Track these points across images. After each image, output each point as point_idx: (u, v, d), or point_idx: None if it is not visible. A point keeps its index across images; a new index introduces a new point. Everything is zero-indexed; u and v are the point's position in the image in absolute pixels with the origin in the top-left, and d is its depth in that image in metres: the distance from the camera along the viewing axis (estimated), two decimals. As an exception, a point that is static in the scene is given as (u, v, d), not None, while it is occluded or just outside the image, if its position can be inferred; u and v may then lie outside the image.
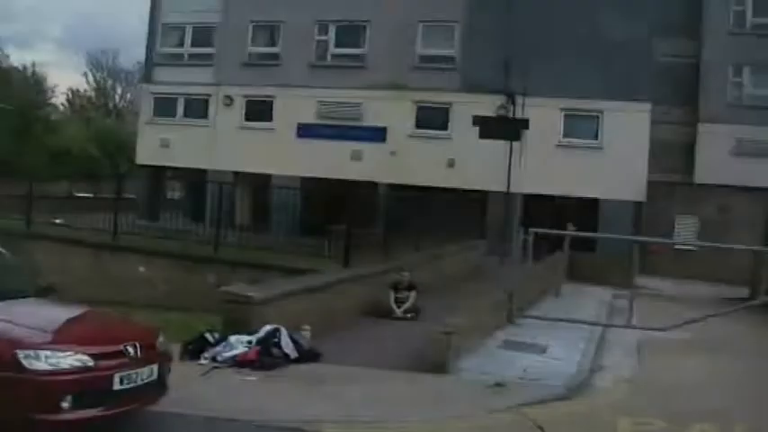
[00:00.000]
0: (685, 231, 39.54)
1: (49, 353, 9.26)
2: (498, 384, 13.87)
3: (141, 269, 26.23)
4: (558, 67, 37.34)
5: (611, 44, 36.45)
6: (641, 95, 36.86)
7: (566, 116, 38.84)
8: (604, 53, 36.56)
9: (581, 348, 17.85)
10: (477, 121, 39.00)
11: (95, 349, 9.75)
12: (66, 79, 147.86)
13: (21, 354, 9.14)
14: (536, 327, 19.94)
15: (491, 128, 38.58)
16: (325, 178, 38.78)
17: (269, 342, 14.67)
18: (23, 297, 11.28)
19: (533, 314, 21.34)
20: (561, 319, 21.26)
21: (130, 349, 10.08)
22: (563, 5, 37.78)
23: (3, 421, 9.19)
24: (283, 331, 14.99)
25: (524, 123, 38.39)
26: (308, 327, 16.06)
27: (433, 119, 40.87)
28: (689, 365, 17.29)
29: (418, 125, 41.16)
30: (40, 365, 9.16)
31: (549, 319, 20.97)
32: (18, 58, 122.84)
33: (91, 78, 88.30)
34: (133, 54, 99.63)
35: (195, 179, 42.87)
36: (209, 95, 45.52)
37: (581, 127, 38.83)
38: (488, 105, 39.08)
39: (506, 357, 16.39)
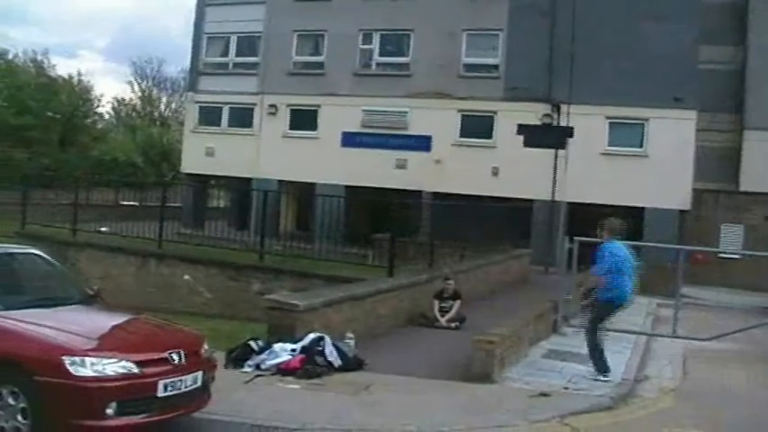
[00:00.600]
0: (730, 240, 39.23)
1: (94, 359, 9.32)
2: (543, 394, 13.78)
3: (186, 277, 26.28)
4: (602, 74, 37.19)
5: (656, 51, 36.18)
6: (686, 103, 36.55)
7: (610, 124, 38.58)
8: (648, 60, 36.30)
9: (626, 358, 17.70)
10: (522, 129, 38.89)
11: (140, 356, 9.83)
12: (111, 88, 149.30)
13: (67, 360, 9.21)
14: (581, 336, 19.73)
15: (536, 136, 38.45)
16: (370, 187, 38.79)
17: (313, 350, 14.65)
18: (70, 304, 11.36)
19: (578, 324, 21.18)
20: (606, 329, 21.10)
21: (175, 356, 10.13)
22: (607, 13, 37.58)
23: (48, 426, 9.25)
24: (327, 339, 14.97)
25: (569, 131, 38.22)
26: (352, 335, 16.05)
27: (477, 127, 40.77)
28: (734, 376, 17.13)
29: (463, 133, 41.08)
30: (86, 372, 9.23)
31: (594, 329, 20.83)
32: (65, 67, 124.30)
33: (136, 87, 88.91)
34: (178, 63, 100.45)
35: (240, 187, 43.03)
36: (253, 104, 45.71)
37: (626, 135, 38.55)
38: (533, 113, 38.94)
39: (551, 367, 16.27)
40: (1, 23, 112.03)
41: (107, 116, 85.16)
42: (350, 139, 42.80)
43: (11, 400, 9.37)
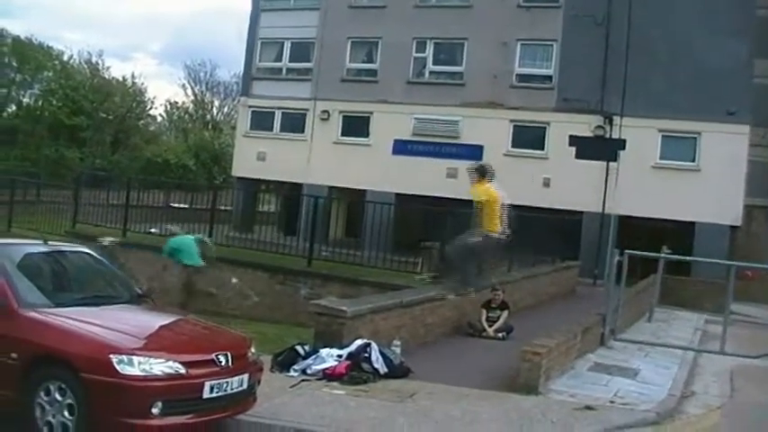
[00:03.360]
0: (781, 257, 38.88)
1: (141, 359, 9.41)
2: (588, 407, 13.67)
3: (234, 280, 26.37)
4: (655, 86, 36.99)
5: (709, 64, 35.91)
6: (739, 117, 36.22)
7: (663, 137, 38.32)
8: (702, 73, 36.06)
9: (673, 373, 17.54)
10: (574, 141, 38.74)
11: (187, 357, 9.90)
12: (164, 91, 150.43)
13: (115, 358, 9.30)
14: (628, 350, 19.66)
15: (588, 148, 38.28)
16: (420, 195, 38.78)
17: (359, 356, 14.64)
18: (118, 303, 11.46)
19: (626, 337, 21.03)
20: (654, 344, 20.95)
21: (222, 358, 10.19)
22: (661, 25, 37.35)
23: (94, 423, 9.32)
24: (374, 346, 14.94)
25: (621, 144, 38.02)
26: (398, 342, 16.03)
27: (529, 138, 40.68)
28: (783, 395, 16.94)
29: (514, 144, 40.98)
30: (133, 371, 9.31)
31: (641, 343, 20.66)
32: (119, 70, 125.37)
33: (189, 91, 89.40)
34: (231, 68, 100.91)
35: (290, 192, 43.16)
36: (306, 110, 45.87)
37: (678, 148, 38.25)
38: (585, 125, 38.77)
39: (597, 380, 16.13)
40: (58, 26, 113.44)
41: (159, 119, 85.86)
42: (401, 147, 42.84)
43: (58, 396, 9.48)
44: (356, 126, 44.27)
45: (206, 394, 9.88)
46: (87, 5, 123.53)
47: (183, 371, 9.68)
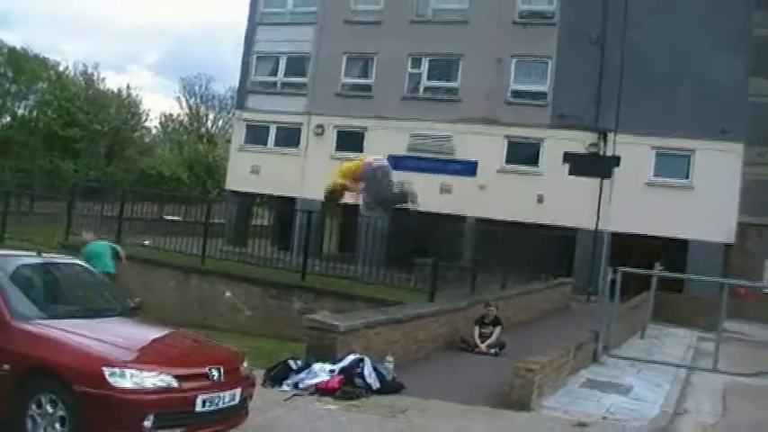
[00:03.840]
0: (774, 275, 38.95)
1: (134, 371, 9.37)
2: (581, 424, 13.70)
3: (227, 294, 26.37)
4: (649, 104, 37.07)
5: (704, 82, 36.05)
6: (733, 135, 36.29)
7: (657, 154, 38.39)
8: (697, 91, 36.17)
9: (665, 391, 17.58)
10: (568, 157, 38.80)
11: (180, 370, 9.86)
12: (159, 104, 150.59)
13: (107, 371, 9.26)
14: (621, 367, 19.70)
15: (582, 165, 38.34)
16: (414, 210, 38.78)
17: (352, 371, 14.65)
18: (111, 315, 11.43)
19: (619, 354, 21.06)
20: (646, 360, 20.99)
21: (214, 372, 10.15)
22: (656, 43, 37.43)
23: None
24: (367, 361, 14.96)
25: (615, 161, 38.08)
26: (391, 358, 16.05)
27: (523, 154, 40.74)
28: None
29: (508, 160, 41.03)
30: (125, 383, 9.27)
31: (634, 360, 20.71)
32: (114, 81, 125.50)
33: (184, 104, 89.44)
34: (226, 81, 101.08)
35: (284, 207, 43.14)
36: (300, 124, 45.88)
37: (672, 165, 38.33)
38: (579, 142, 38.83)
39: (590, 397, 16.16)
40: (54, 37, 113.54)
41: (154, 131, 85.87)
42: (396, 163, 42.55)
43: (49, 408, 9.43)
44: (351, 141, 44.23)
45: (198, 408, 9.82)
46: (83, 17, 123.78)
47: (175, 384, 9.64)
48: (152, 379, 9.47)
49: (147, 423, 9.34)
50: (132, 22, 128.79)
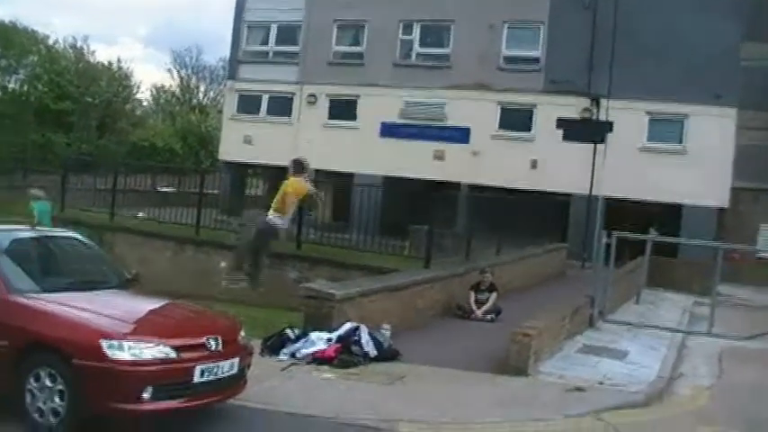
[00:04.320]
0: (768, 239, 38.93)
1: (132, 343, 9.39)
2: (578, 389, 13.75)
3: (222, 264, 26.34)
4: (642, 69, 36.89)
5: (697, 47, 35.85)
6: (727, 100, 36.24)
7: (650, 119, 38.35)
8: (690, 56, 35.98)
9: (661, 355, 17.62)
10: (562, 123, 38.73)
11: (177, 341, 9.89)
12: (151, 75, 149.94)
13: (105, 343, 9.28)
14: (616, 332, 19.74)
15: (575, 130, 38.27)
16: (408, 178, 38.79)
17: (349, 339, 14.68)
18: (108, 288, 11.43)
19: (614, 319, 21.09)
20: (642, 325, 21.03)
21: (212, 342, 10.17)
22: (649, 7, 37.26)
23: (85, 409, 9.32)
24: (363, 329, 15.00)
25: (609, 126, 38.01)
26: (388, 325, 16.07)
27: (516, 120, 40.63)
28: (770, 374, 17.01)
29: (502, 126, 40.94)
30: (123, 355, 9.30)
31: (629, 325, 20.74)
32: (105, 54, 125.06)
33: (175, 75, 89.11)
34: (217, 52, 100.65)
35: (277, 176, 43.14)
36: (292, 93, 45.76)
37: (665, 131, 38.25)
38: (572, 107, 38.74)
39: (586, 362, 16.22)
40: (43, 10, 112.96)
41: (146, 103, 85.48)
42: (389, 130, 42.78)
43: (48, 382, 9.45)
44: (343, 109, 44.18)
45: (197, 378, 9.85)
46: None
47: (173, 355, 9.66)
48: (150, 350, 9.49)
49: (146, 394, 9.37)
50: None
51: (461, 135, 41.14)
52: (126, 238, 28.20)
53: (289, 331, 14.99)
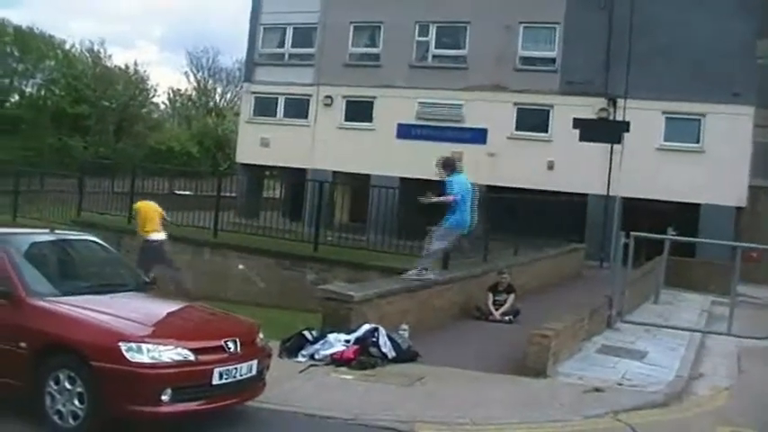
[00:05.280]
0: (786, 238, 38.83)
1: (151, 346, 9.43)
2: (596, 389, 13.70)
3: (240, 266, 26.41)
4: (658, 68, 36.83)
5: (713, 45, 35.75)
6: (743, 98, 36.11)
7: (667, 119, 38.27)
8: (706, 55, 35.86)
9: (680, 355, 17.56)
10: (578, 123, 38.55)
11: (196, 344, 9.91)
12: (167, 78, 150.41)
13: (124, 346, 9.31)
14: (635, 332, 19.66)
15: (592, 130, 38.06)
16: (425, 179, 38.76)
17: (367, 341, 14.67)
18: (126, 290, 11.46)
19: (633, 319, 21.02)
20: (661, 325, 20.96)
21: (231, 345, 10.20)
22: (664, 7, 37.13)
23: (104, 411, 9.35)
24: (382, 330, 14.98)
25: (626, 126, 37.76)
26: (406, 326, 16.05)
27: (533, 121, 40.64)
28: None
29: (518, 127, 40.94)
30: (142, 358, 9.33)
31: (648, 325, 20.65)
32: (121, 57, 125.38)
33: (192, 78, 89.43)
34: (233, 54, 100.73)
35: (294, 178, 43.18)
36: (309, 95, 45.79)
37: (682, 130, 38.19)
38: (589, 107, 38.63)
39: (605, 362, 16.17)
40: (60, 15, 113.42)
41: (162, 106, 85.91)
42: (405, 131, 42.80)
43: (68, 385, 9.50)
44: (360, 111, 44.23)
45: (215, 381, 9.88)
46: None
47: (192, 357, 9.68)
48: (169, 353, 9.52)
49: (165, 397, 9.41)
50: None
51: (478, 136, 41.12)
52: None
53: (307, 333, 14.99)
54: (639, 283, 24.59)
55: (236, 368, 10.14)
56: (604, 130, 37.46)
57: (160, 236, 23.10)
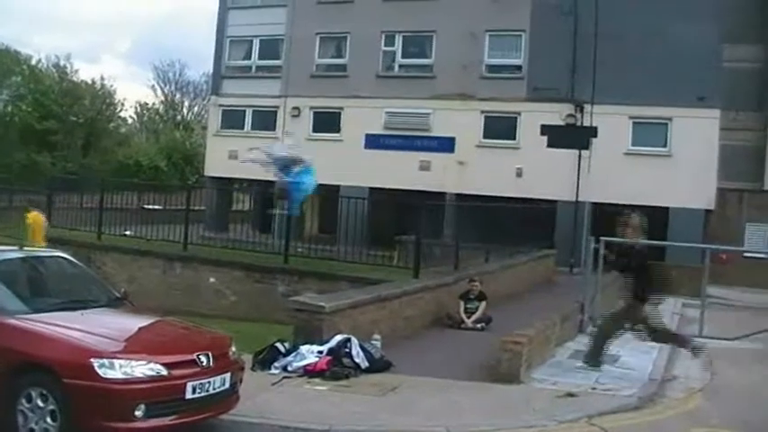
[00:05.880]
0: (755, 239, 39.06)
1: (122, 362, 9.40)
2: (570, 394, 13.75)
3: (211, 280, 26.32)
4: (625, 73, 36.97)
5: (679, 50, 35.95)
6: (710, 102, 36.41)
7: (634, 123, 38.48)
8: (672, 59, 36.11)
9: (653, 358, 17.63)
10: (546, 130, 38.76)
11: (168, 358, 9.89)
12: (134, 93, 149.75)
13: (95, 362, 9.28)
14: (607, 336, 19.73)
15: (559, 137, 38.30)
16: (394, 188, 38.78)
17: (340, 352, 14.68)
18: (97, 306, 11.41)
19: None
20: (633, 329, 21.04)
21: (203, 358, 10.19)
22: (629, 12, 37.32)
23: (77, 428, 9.31)
24: (354, 341, 14.99)
25: (593, 132, 38.06)
26: (378, 336, 16.07)
27: (500, 128, 40.75)
28: (761, 375, 17.01)
29: (486, 135, 41.06)
30: (114, 374, 9.30)
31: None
32: (87, 72, 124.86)
33: (159, 92, 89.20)
34: (200, 67, 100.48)
35: (263, 190, 43.16)
36: (276, 107, 45.81)
37: (649, 134, 38.42)
38: (556, 114, 38.82)
39: (577, 367, 16.22)
40: (25, 30, 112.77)
41: (130, 120, 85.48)
42: (373, 141, 42.85)
43: (40, 402, 9.44)
44: (327, 121, 44.25)
45: (188, 395, 9.86)
46: (53, 8, 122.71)
47: (164, 372, 9.66)
48: (141, 368, 9.49)
49: (139, 413, 9.38)
50: (102, 11, 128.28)
51: (446, 145, 41.22)
52: (114, 257, 28.15)
53: (279, 345, 14.98)
54: (611, 288, 24.63)
55: (209, 382, 10.12)
56: (572, 136, 37.71)
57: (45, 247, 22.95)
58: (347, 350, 14.76)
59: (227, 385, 10.51)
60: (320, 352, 14.64)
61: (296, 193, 21.71)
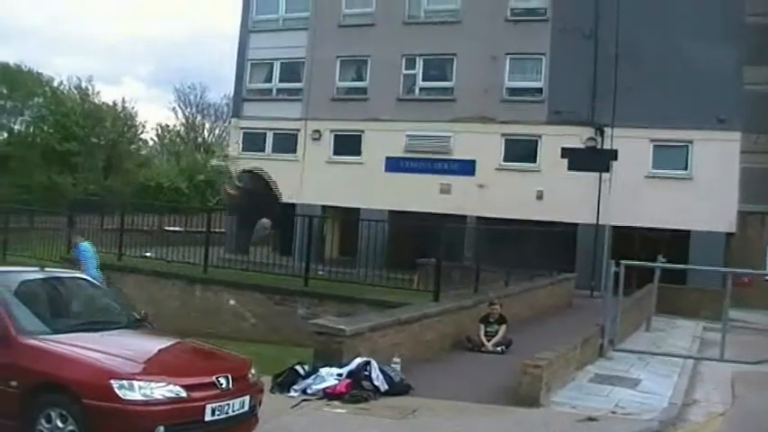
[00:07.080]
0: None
1: (142, 383, 9.37)
2: (590, 419, 13.69)
3: (231, 302, 26.31)
4: (645, 96, 36.99)
5: (699, 72, 35.93)
6: (730, 124, 36.35)
7: (654, 146, 38.39)
8: (692, 81, 36.06)
9: (673, 382, 17.58)
10: (566, 153, 38.69)
11: (188, 380, 9.85)
12: (155, 115, 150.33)
13: (115, 384, 9.26)
14: (628, 360, 19.66)
15: (580, 159, 38.21)
16: (414, 211, 38.74)
17: (359, 375, 14.64)
18: (117, 328, 11.42)
19: (625, 347, 21.02)
20: (653, 353, 20.97)
21: (222, 381, 10.15)
22: (650, 35, 37.36)
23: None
24: (374, 364, 14.94)
25: (613, 154, 37.96)
26: (398, 359, 16.01)
27: (521, 151, 40.78)
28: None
29: (506, 157, 41.06)
30: (134, 395, 9.27)
31: (640, 353, 20.67)
32: (109, 94, 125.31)
33: (180, 114, 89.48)
34: (221, 90, 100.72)
35: (284, 213, 43.17)
36: (297, 130, 45.92)
37: (670, 157, 38.33)
38: (577, 137, 38.75)
39: (598, 391, 16.15)
40: (47, 52, 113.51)
41: (151, 142, 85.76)
42: (393, 164, 42.87)
43: (59, 423, 9.43)
44: (348, 144, 44.32)
45: (208, 417, 9.83)
46: (75, 31, 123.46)
47: (184, 394, 9.64)
48: (160, 390, 9.47)
49: (158, 434, 9.35)
50: (125, 33, 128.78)
51: (467, 168, 41.21)
52: (134, 279, 28.16)
53: (299, 368, 14.97)
54: (631, 311, 24.59)
55: (228, 404, 10.09)
56: (593, 159, 37.61)
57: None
58: (367, 373, 14.72)
59: (246, 408, 10.47)
60: (340, 375, 14.61)
61: None
